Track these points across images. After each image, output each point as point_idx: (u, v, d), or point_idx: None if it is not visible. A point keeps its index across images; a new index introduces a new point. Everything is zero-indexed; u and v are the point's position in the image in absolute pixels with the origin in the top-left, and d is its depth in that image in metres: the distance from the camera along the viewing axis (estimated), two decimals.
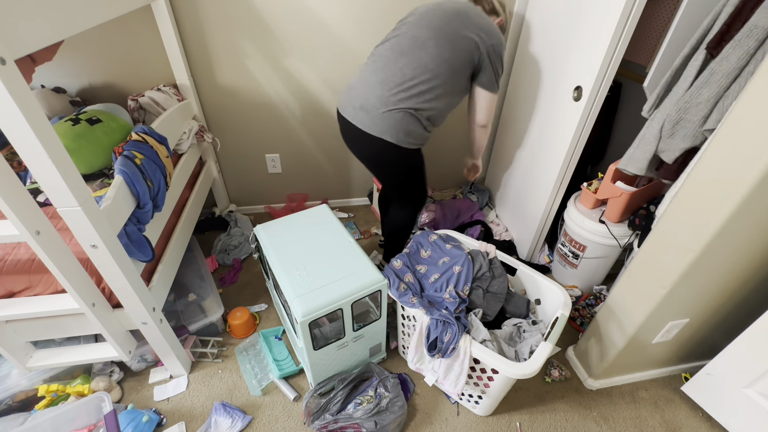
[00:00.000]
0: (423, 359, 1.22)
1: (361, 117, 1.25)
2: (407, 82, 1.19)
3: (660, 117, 1.13)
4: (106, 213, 0.92)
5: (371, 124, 1.23)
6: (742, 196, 0.83)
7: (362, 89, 1.25)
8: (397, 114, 1.21)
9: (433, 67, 1.18)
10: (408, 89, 1.19)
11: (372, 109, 1.22)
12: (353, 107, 1.26)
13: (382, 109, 1.21)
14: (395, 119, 1.21)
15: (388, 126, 1.22)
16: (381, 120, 1.22)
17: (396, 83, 1.20)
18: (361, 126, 1.25)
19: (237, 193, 2.16)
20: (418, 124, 1.25)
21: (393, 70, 1.20)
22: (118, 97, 1.66)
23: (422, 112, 1.23)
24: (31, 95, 0.70)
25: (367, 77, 1.26)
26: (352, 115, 1.27)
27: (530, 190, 1.75)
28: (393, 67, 1.21)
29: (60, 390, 1.23)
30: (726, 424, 1.21)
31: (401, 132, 1.23)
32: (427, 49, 1.18)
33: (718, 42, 0.97)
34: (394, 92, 1.20)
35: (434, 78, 1.19)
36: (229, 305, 1.60)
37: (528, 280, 1.35)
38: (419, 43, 1.19)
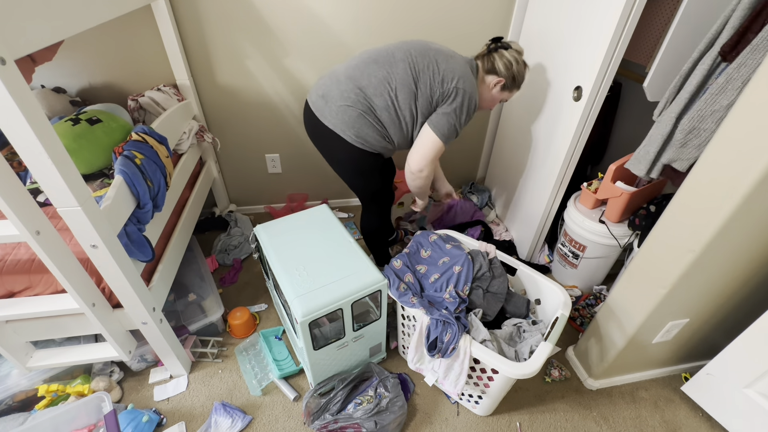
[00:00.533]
0: (423, 359, 1.22)
1: (320, 105, 1.25)
2: (370, 88, 1.20)
3: (667, 120, 1.11)
4: (106, 213, 0.92)
5: (327, 114, 1.23)
6: (742, 196, 0.83)
7: (329, 79, 1.25)
8: (352, 111, 1.20)
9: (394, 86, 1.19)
10: (367, 96, 1.20)
11: (330, 100, 1.22)
12: (317, 95, 1.27)
13: (339, 102, 1.21)
14: (348, 116, 1.21)
15: (340, 120, 1.22)
16: (336, 112, 1.22)
17: (359, 84, 1.20)
18: (317, 113, 1.25)
19: (237, 193, 2.16)
20: (372, 129, 1.23)
21: (362, 72, 1.21)
22: (118, 97, 1.66)
23: (377, 122, 1.23)
24: (31, 95, 0.70)
25: (337, 69, 1.26)
26: (313, 100, 1.27)
27: (530, 190, 1.75)
28: (363, 69, 1.21)
29: (60, 390, 1.23)
30: (726, 424, 1.21)
31: (351, 129, 1.23)
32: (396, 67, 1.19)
33: (733, 46, 0.94)
34: (355, 91, 1.20)
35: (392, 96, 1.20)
36: (229, 305, 1.60)
37: (528, 280, 1.35)
38: (392, 60, 1.20)
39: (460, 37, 1.76)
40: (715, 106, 0.98)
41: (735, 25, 0.94)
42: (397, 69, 1.19)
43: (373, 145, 1.27)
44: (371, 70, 1.20)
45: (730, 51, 0.96)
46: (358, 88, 1.20)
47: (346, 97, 1.20)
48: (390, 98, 1.20)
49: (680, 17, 1.13)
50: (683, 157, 1.10)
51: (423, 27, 1.71)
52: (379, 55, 1.22)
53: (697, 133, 1.04)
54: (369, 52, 1.25)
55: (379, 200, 1.49)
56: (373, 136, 1.25)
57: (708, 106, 1.00)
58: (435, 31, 1.73)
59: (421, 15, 1.68)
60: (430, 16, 1.69)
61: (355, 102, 1.20)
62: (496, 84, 1.29)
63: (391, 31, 1.70)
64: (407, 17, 1.68)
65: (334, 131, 1.23)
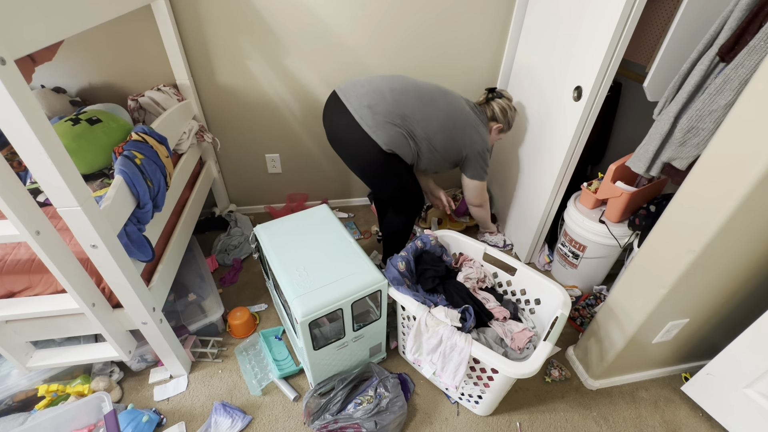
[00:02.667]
0: (421, 350, 1.22)
1: (365, 114, 1.29)
2: (413, 120, 1.32)
3: (666, 119, 1.11)
4: (106, 213, 0.92)
5: (373, 125, 1.28)
6: (742, 196, 0.83)
7: (373, 94, 1.31)
8: (396, 130, 1.30)
9: (435, 129, 1.36)
10: (411, 127, 1.32)
11: (378, 114, 1.28)
12: (360, 103, 1.30)
13: (386, 119, 1.29)
14: (395, 132, 1.30)
15: (385, 134, 1.29)
16: (383, 126, 1.28)
17: (404, 112, 1.31)
18: (360, 120, 1.29)
19: (237, 193, 2.16)
20: (408, 149, 1.35)
21: (406, 101, 1.32)
22: (118, 97, 1.66)
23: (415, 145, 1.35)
24: (31, 95, 0.70)
25: (379, 85, 1.33)
26: (355, 108, 1.30)
27: (530, 190, 1.75)
28: (408, 101, 1.32)
29: (60, 390, 1.23)
30: (726, 424, 1.21)
31: (392, 144, 1.31)
32: (437, 114, 1.36)
33: (731, 47, 0.95)
34: (401, 116, 1.30)
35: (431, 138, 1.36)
36: (229, 305, 1.60)
37: (528, 280, 1.35)
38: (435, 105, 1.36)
39: (459, 35, 1.76)
40: (713, 106, 0.99)
41: (732, 27, 0.95)
42: (439, 116, 1.36)
43: (405, 155, 1.36)
44: (416, 105, 1.33)
45: (727, 52, 0.96)
46: (404, 114, 1.31)
47: (394, 117, 1.30)
48: (428, 135, 1.35)
49: (680, 17, 1.13)
50: (683, 155, 1.10)
51: (423, 26, 1.71)
52: (422, 93, 1.36)
53: (696, 132, 1.05)
54: (407, 82, 1.37)
55: (407, 199, 1.51)
56: (407, 150, 1.35)
57: (706, 106, 1.01)
58: (434, 30, 1.73)
59: (420, 14, 1.68)
60: (430, 15, 1.69)
61: (401, 125, 1.31)
62: (496, 128, 1.57)
63: (391, 31, 1.70)
64: (407, 17, 1.68)
65: (374, 140, 1.29)
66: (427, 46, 1.77)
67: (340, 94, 1.35)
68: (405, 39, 1.74)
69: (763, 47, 0.88)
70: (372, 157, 1.33)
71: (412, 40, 1.75)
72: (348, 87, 1.36)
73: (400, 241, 1.62)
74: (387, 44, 1.74)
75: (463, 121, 1.41)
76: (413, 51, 1.77)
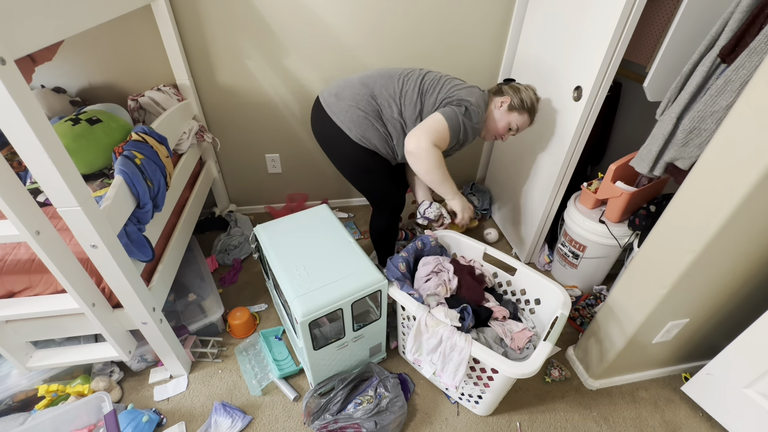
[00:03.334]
0: (421, 350, 1.22)
1: (331, 102, 1.32)
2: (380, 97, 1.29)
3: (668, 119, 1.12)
4: (106, 213, 0.92)
5: (337, 111, 1.30)
6: (742, 196, 0.83)
7: (343, 82, 1.34)
8: (360, 113, 1.28)
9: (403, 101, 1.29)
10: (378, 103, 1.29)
11: (342, 99, 1.30)
12: (329, 93, 1.34)
13: (349, 102, 1.29)
14: (357, 116, 1.28)
15: (348, 118, 1.29)
16: (346, 110, 1.29)
17: (372, 92, 1.29)
18: (327, 110, 1.31)
19: (237, 193, 2.16)
20: (376, 133, 1.31)
21: (375, 81, 1.31)
22: (118, 97, 1.66)
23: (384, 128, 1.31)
24: (31, 95, 0.70)
25: (351, 77, 1.35)
26: (325, 98, 1.34)
27: (530, 190, 1.75)
28: (377, 80, 1.31)
29: (60, 390, 1.23)
30: (726, 424, 1.21)
31: (358, 129, 1.29)
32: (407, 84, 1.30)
33: (732, 49, 0.96)
34: (366, 97, 1.29)
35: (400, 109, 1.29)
36: (229, 305, 1.60)
37: (528, 280, 1.35)
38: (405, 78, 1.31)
39: (459, 34, 1.77)
40: (715, 107, 0.99)
41: (733, 28, 0.95)
42: (408, 86, 1.30)
43: (378, 148, 1.33)
44: (384, 82, 1.30)
45: (728, 53, 0.97)
46: (370, 95, 1.29)
47: (358, 100, 1.28)
48: (398, 110, 1.29)
49: (680, 17, 1.13)
50: (685, 155, 1.11)
51: (422, 25, 1.71)
52: (395, 72, 1.33)
53: (698, 132, 1.05)
54: (385, 68, 1.36)
55: (389, 201, 1.50)
56: (378, 139, 1.32)
57: (708, 107, 1.01)
58: (434, 31, 1.73)
59: (419, 15, 1.68)
60: (429, 14, 1.69)
61: (365, 106, 1.28)
62: (502, 103, 1.34)
63: (391, 31, 1.71)
64: (407, 17, 1.68)
65: (341, 128, 1.29)
66: (426, 46, 1.77)
67: (318, 95, 1.39)
68: (404, 39, 1.74)
69: (763, 49, 0.88)
70: (346, 153, 1.34)
71: (412, 40, 1.75)
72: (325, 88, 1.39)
73: (387, 240, 1.62)
74: (387, 44, 1.74)
75: (437, 80, 1.31)
76: (413, 51, 1.77)
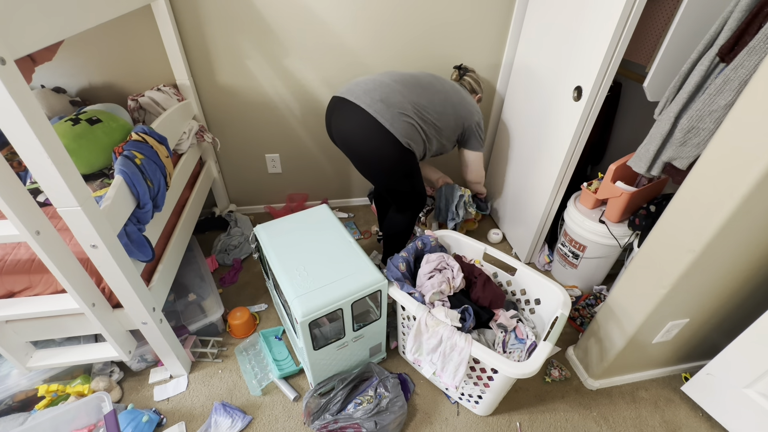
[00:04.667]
0: (421, 350, 1.22)
1: (379, 108, 1.28)
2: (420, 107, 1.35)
3: (666, 119, 1.11)
4: (106, 213, 0.92)
5: (389, 117, 1.28)
6: (742, 196, 0.83)
7: (381, 88, 1.32)
8: (407, 120, 1.32)
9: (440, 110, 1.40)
10: (422, 113, 1.35)
11: (392, 106, 1.29)
12: (372, 99, 1.30)
13: (398, 110, 1.30)
14: (407, 123, 1.31)
15: (400, 126, 1.30)
16: (397, 118, 1.30)
17: (412, 100, 1.33)
18: (376, 115, 1.28)
19: (237, 193, 2.16)
20: (419, 137, 1.37)
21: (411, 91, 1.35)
22: (118, 97, 1.66)
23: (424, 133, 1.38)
24: (31, 95, 0.70)
25: (386, 81, 1.35)
26: (367, 103, 1.29)
27: (530, 190, 1.75)
28: (412, 89, 1.35)
29: (60, 390, 1.23)
30: (726, 424, 1.21)
31: (406, 136, 1.31)
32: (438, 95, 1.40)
33: (731, 48, 0.95)
34: (410, 105, 1.32)
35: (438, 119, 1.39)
36: (229, 305, 1.60)
37: (528, 280, 1.35)
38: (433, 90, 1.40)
39: (460, 34, 1.76)
40: (713, 106, 0.99)
41: (732, 27, 0.95)
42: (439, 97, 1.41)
43: (418, 152, 1.40)
44: (420, 92, 1.37)
45: (727, 52, 0.97)
46: (414, 102, 1.34)
47: (405, 108, 1.31)
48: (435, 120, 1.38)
49: (680, 17, 1.13)
50: (683, 155, 1.11)
51: (422, 26, 1.71)
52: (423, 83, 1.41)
53: (696, 132, 1.05)
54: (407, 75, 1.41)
55: (417, 203, 1.52)
56: (420, 142, 1.38)
57: (706, 106, 1.01)
58: (434, 30, 1.73)
59: (420, 15, 1.68)
60: (430, 16, 1.69)
61: (411, 114, 1.32)
62: (476, 99, 1.69)
63: (391, 30, 1.71)
64: (407, 17, 1.68)
65: (394, 134, 1.29)
66: (427, 45, 1.77)
67: (347, 96, 1.33)
68: (405, 39, 1.74)
69: (762, 48, 0.88)
70: (391, 154, 1.33)
71: (412, 41, 1.75)
72: (351, 88, 1.35)
73: (401, 240, 1.61)
74: (387, 44, 1.74)
75: (460, 96, 1.48)
76: (413, 51, 1.77)
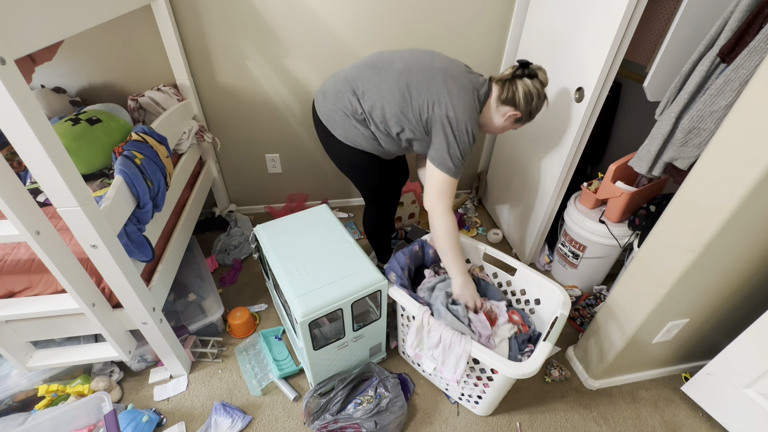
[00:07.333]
0: (422, 345, 1.21)
1: (320, 100, 1.28)
2: (360, 92, 1.18)
3: (667, 119, 1.11)
4: (106, 213, 0.92)
5: (324, 110, 1.27)
6: (742, 197, 0.83)
7: (333, 77, 1.28)
8: (340, 113, 1.22)
9: (383, 94, 1.15)
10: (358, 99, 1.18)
11: (327, 98, 1.25)
12: (320, 91, 1.31)
13: (332, 101, 1.24)
14: (339, 116, 1.23)
15: (332, 119, 1.25)
16: (330, 111, 1.25)
17: (354, 87, 1.19)
18: (317, 109, 1.29)
19: (237, 193, 2.16)
20: (357, 132, 1.22)
21: (358, 74, 1.20)
22: (118, 97, 1.66)
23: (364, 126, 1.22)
24: (31, 95, 0.70)
25: (343, 70, 1.27)
26: (317, 95, 1.31)
27: (531, 191, 1.75)
28: (361, 72, 1.20)
29: (60, 390, 1.23)
30: (726, 424, 1.21)
31: (341, 129, 1.24)
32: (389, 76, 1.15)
33: (732, 48, 0.95)
34: (347, 94, 1.19)
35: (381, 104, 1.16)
36: (229, 305, 1.60)
37: (528, 280, 1.35)
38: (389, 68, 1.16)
39: (460, 35, 1.76)
40: (714, 107, 0.99)
41: (733, 28, 0.95)
42: (390, 79, 1.14)
43: (364, 147, 1.26)
44: (368, 74, 1.18)
45: (728, 53, 0.97)
46: (352, 90, 1.18)
47: (338, 98, 1.21)
48: (380, 106, 1.16)
49: (680, 17, 1.13)
50: (684, 155, 1.11)
51: (422, 25, 1.71)
52: (381, 60, 1.19)
53: (697, 132, 1.05)
54: (375, 55, 1.23)
55: (379, 198, 1.49)
56: (361, 138, 1.24)
57: (707, 107, 1.01)
58: (433, 30, 1.73)
59: (419, 13, 1.68)
60: (429, 15, 1.69)
61: (345, 105, 1.20)
62: (510, 116, 1.20)
63: (391, 30, 1.71)
64: (406, 17, 1.68)
65: (327, 128, 1.27)
66: (426, 45, 1.76)
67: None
68: (404, 39, 1.74)
69: (763, 48, 0.88)
70: (337, 152, 1.32)
71: (411, 40, 1.74)
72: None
73: (379, 237, 1.62)
74: (387, 44, 1.74)
75: (427, 75, 1.13)
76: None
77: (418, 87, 1.13)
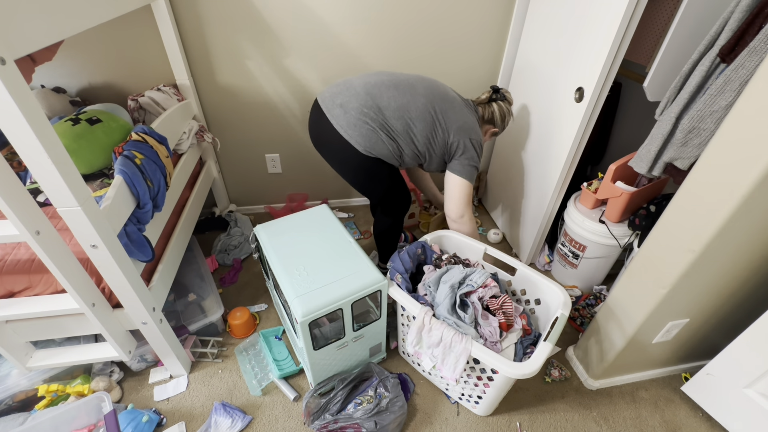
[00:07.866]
0: (422, 343, 1.21)
1: (337, 113, 1.28)
2: (388, 110, 1.27)
3: (668, 119, 1.12)
4: (106, 213, 0.92)
5: (345, 123, 1.27)
6: (742, 196, 0.83)
7: (346, 90, 1.30)
8: (368, 126, 1.26)
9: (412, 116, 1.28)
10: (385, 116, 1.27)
11: (349, 111, 1.26)
12: (334, 103, 1.30)
13: (357, 115, 1.26)
14: (366, 129, 1.26)
15: (357, 132, 1.27)
16: (354, 124, 1.26)
17: (379, 104, 1.26)
18: (332, 120, 1.28)
19: (237, 193, 2.16)
20: (383, 146, 1.30)
21: (381, 92, 1.27)
22: (118, 97, 1.66)
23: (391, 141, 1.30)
24: (31, 95, 0.70)
25: (353, 83, 1.31)
26: (328, 107, 1.30)
27: (531, 191, 1.75)
28: (384, 91, 1.28)
29: (60, 390, 1.23)
30: (726, 424, 1.21)
31: (367, 142, 1.28)
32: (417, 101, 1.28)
33: (732, 48, 0.95)
34: (374, 109, 1.26)
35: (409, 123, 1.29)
36: (229, 305, 1.60)
37: (528, 280, 1.35)
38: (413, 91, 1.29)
39: (460, 35, 1.77)
40: (714, 107, 0.99)
41: (733, 28, 0.95)
42: (417, 102, 1.29)
43: (385, 156, 1.32)
44: (391, 94, 1.27)
45: (728, 53, 0.97)
46: (378, 106, 1.26)
47: (365, 112, 1.26)
48: (407, 125, 1.29)
49: (680, 17, 1.13)
50: (684, 155, 1.11)
51: (422, 26, 1.71)
52: (399, 82, 1.30)
53: (697, 132, 1.05)
54: (385, 75, 1.33)
55: (392, 202, 1.50)
56: (386, 149, 1.31)
57: (707, 107, 1.01)
58: (434, 31, 1.73)
59: (419, 13, 1.68)
60: (429, 15, 1.69)
61: (373, 119, 1.26)
62: (491, 132, 1.53)
63: (391, 31, 1.71)
64: (407, 17, 1.68)
65: (348, 141, 1.27)
66: (425, 46, 1.77)
67: (318, 99, 1.35)
68: (404, 39, 1.74)
69: (763, 48, 0.88)
70: (349, 159, 1.32)
71: (411, 40, 1.75)
72: (325, 91, 1.36)
73: (390, 239, 1.63)
74: (386, 44, 1.74)
75: (448, 104, 1.33)
76: (412, 51, 1.77)
77: (444, 113, 1.32)
